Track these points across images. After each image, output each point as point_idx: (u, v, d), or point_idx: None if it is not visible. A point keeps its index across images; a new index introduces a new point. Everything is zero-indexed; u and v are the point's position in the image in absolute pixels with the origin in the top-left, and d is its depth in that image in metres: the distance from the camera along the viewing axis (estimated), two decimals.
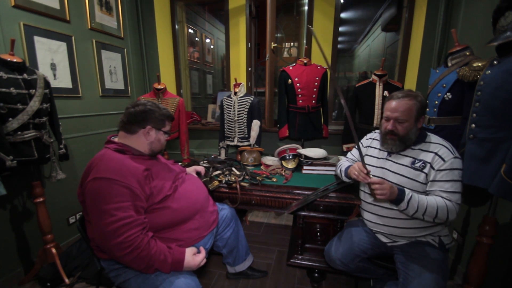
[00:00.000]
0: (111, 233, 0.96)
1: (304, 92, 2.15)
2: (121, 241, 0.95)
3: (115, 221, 0.96)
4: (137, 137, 1.18)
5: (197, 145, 2.96)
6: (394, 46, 2.91)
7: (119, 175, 1.01)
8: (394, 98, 1.22)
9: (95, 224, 1.01)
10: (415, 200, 1.11)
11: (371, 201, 1.33)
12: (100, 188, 0.99)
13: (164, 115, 1.24)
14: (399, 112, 1.19)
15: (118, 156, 1.09)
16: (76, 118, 2.08)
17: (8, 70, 1.40)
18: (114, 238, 0.96)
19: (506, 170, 1.01)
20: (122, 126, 1.19)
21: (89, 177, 1.03)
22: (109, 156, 1.08)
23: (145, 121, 1.18)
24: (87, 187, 1.02)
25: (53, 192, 1.92)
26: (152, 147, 1.22)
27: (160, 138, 1.24)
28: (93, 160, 1.09)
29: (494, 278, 1.41)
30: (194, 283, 1.10)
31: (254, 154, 2.12)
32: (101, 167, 1.03)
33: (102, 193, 0.98)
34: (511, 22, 1.02)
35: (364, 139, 1.51)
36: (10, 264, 1.70)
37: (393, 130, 1.22)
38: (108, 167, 1.03)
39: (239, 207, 1.66)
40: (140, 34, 2.74)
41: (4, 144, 1.35)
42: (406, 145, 1.23)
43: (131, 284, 1.10)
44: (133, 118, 1.16)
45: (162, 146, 1.27)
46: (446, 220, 1.13)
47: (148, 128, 1.18)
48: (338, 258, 1.35)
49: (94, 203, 0.99)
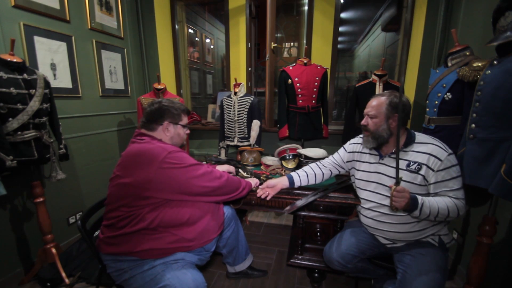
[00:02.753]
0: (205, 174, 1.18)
1: (304, 92, 2.15)
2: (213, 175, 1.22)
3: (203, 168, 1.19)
4: (158, 134, 1.24)
5: (197, 145, 2.96)
6: (394, 46, 2.91)
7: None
8: (374, 96, 1.29)
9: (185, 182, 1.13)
10: (427, 206, 1.10)
11: (369, 207, 1.32)
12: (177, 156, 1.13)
13: (179, 108, 1.29)
14: (370, 107, 1.26)
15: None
16: (76, 118, 2.08)
17: (8, 70, 1.40)
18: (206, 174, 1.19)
19: (506, 170, 1.00)
20: (142, 126, 1.24)
21: (159, 157, 1.09)
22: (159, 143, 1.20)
23: (162, 117, 1.23)
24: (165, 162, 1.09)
25: (53, 192, 1.92)
26: (173, 141, 1.27)
27: (180, 132, 1.30)
28: (146, 149, 1.13)
29: (494, 278, 1.41)
30: (200, 278, 1.11)
31: (254, 154, 2.12)
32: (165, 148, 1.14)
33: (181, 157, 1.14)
34: (511, 22, 1.02)
35: (347, 144, 1.52)
36: (10, 264, 1.70)
37: (366, 125, 1.27)
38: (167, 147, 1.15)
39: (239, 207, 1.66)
40: (140, 34, 2.74)
41: (4, 144, 1.35)
42: (378, 142, 1.25)
43: (136, 280, 1.10)
44: (151, 117, 1.23)
45: (182, 139, 1.33)
46: (457, 217, 1.14)
47: (166, 124, 1.24)
48: (336, 259, 1.35)
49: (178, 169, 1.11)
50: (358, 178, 1.40)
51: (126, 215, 1.09)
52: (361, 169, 1.39)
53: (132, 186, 1.07)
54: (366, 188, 1.34)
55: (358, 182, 1.41)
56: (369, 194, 1.33)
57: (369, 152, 1.37)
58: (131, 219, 1.09)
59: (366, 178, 1.35)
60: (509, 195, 1.00)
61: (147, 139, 1.18)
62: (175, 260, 1.13)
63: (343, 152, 1.52)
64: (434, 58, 2.14)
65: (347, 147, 1.51)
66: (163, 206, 1.12)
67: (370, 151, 1.36)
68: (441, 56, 2.09)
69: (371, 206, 1.31)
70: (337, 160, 1.53)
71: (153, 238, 1.11)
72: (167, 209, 1.13)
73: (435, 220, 1.15)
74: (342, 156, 1.52)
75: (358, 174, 1.41)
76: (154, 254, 1.11)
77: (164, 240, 1.12)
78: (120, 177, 1.10)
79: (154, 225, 1.10)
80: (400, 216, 1.22)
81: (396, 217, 1.23)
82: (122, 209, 1.09)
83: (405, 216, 1.21)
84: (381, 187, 1.28)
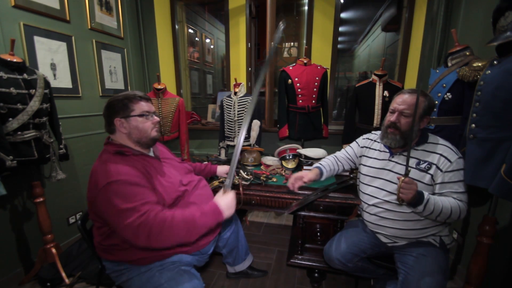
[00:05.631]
0: (136, 228, 0.92)
1: (304, 92, 2.15)
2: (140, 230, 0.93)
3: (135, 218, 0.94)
4: (118, 135, 1.13)
5: (197, 145, 2.95)
6: (394, 46, 2.91)
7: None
8: (404, 92, 1.23)
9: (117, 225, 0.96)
10: (432, 203, 1.10)
11: (373, 203, 1.32)
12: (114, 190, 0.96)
13: (125, 99, 1.10)
14: (406, 105, 1.18)
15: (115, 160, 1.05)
16: (76, 118, 2.08)
17: (8, 70, 1.40)
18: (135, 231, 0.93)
19: (506, 170, 1.00)
20: (106, 131, 1.15)
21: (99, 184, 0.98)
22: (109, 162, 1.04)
23: (110, 116, 1.10)
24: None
25: (53, 192, 1.92)
26: (135, 138, 1.12)
27: (137, 125, 1.10)
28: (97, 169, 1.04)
29: (494, 278, 1.41)
30: (198, 281, 1.10)
31: (254, 154, 2.12)
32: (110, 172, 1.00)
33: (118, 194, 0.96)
34: (511, 22, 1.02)
35: (360, 139, 1.50)
36: (10, 264, 1.70)
37: (396, 122, 1.21)
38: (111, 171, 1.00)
39: (239, 207, 1.66)
40: (140, 34, 2.74)
41: (4, 144, 1.35)
42: (405, 142, 1.21)
43: (133, 283, 1.09)
44: (105, 119, 1.13)
45: (147, 131, 1.12)
46: (457, 219, 1.14)
47: (117, 122, 1.09)
48: (337, 257, 1.35)
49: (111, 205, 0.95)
50: (364, 174, 1.39)
51: (108, 231, 1.06)
52: (367, 165, 1.38)
53: (90, 203, 1.03)
54: (371, 184, 1.34)
55: (363, 177, 1.40)
56: (373, 190, 1.32)
57: (378, 149, 1.36)
58: (115, 242, 1.05)
59: (372, 174, 1.34)
60: (509, 195, 1.00)
61: (110, 148, 1.09)
62: (172, 262, 1.12)
63: (356, 147, 1.49)
64: (434, 58, 2.14)
65: (361, 142, 1.48)
66: None
67: (380, 148, 1.35)
68: (441, 56, 2.09)
69: (375, 202, 1.31)
70: (351, 154, 1.51)
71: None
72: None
73: (436, 219, 1.15)
74: (356, 150, 1.49)
75: (363, 169, 1.40)
76: (149, 261, 1.09)
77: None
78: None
79: None
80: (403, 213, 1.21)
81: (399, 213, 1.23)
82: (102, 223, 1.06)
83: (408, 213, 1.21)
84: (387, 184, 1.27)
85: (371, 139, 1.44)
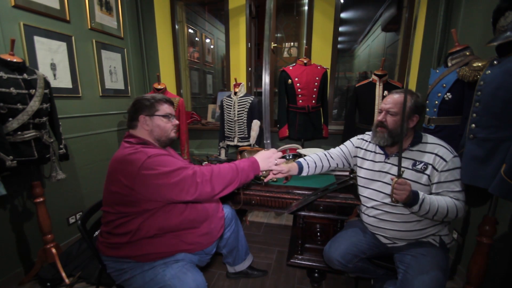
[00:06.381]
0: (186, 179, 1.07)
1: (304, 92, 2.15)
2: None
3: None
4: (139, 131, 1.20)
5: (197, 145, 2.95)
6: (394, 46, 2.91)
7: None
8: (393, 92, 1.26)
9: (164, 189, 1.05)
10: (427, 203, 1.10)
11: (371, 205, 1.32)
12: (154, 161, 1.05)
13: (153, 98, 1.20)
14: (391, 104, 1.22)
15: None
16: (76, 118, 2.08)
17: (8, 70, 1.40)
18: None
19: (506, 170, 1.00)
20: (127, 126, 1.22)
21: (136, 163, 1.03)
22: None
23: (136, 112, 1.19)
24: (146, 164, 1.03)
25: (53, 192, 1.92)
26: (155, 136, 1.20)
27: (159, 123, 1.19)
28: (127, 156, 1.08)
29: (494, 278, 1.41)
30: (201, 278, 1.11)
31: (254, 154, 2.12)
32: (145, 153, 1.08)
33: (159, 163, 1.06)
34: (511, 22, 1.02)
35: (355, 139, 1.50)
36: (10, 264, 1.70)
37: (383, 121, 1.24)
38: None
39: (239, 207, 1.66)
40: (140, 34, 2.74)
41: (4, 144, 1.35)
42: (393, 141, 1.23)
43: (136, 280, 1.09)
44: (129, 115, 1.21)
45: (166, 131, 1.22)
46: (455, 218, 1.14)
47: (141, 118, 1.18)
48: (336, 258, 1.35)
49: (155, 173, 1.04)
50: (361, 176, 1.39)
51: (121, 221, 1.08)
52: (363, 167, 1.38)
53: (118, 194, 1.05)
54: (369, 186, 1.34)
55: (360, 180, 1.40)
56: (371, 193, 1.32)
57: (374, 150, 1.36)
58: (127, 230, 1.08)
59: (369, 176, 1.34)
60: (509, 195, 1.00)
61: (133, 140, 1.15)
62: (176, 260, 1.13)
63: (350, 146, 1.49)
64: (434, 58, 2.14)
65: (355, 141, 1.48)
66: (157, 212, 1.10)
67: (375, 150, 1.36)
68: (441, 56, 2.09)
69: (373, 204, 1.31)
70: (345, 153, 1.50)
71: (152, 243, 1.10)
72: (163, 214, 1.11)
73: (433, 218, 1.15)
74: (350, 149, 1.49)
75: (361, 172, 1.40)
76: (154, 257, 1.11)
77: (164, 245, 1.12)
78: (108, 183, 1.09)
79: (151, 233, 1.09)
80: (402, 214, 1.22)
81: (398, 215, 1.23)
82: (117, 215, 1.08)
83: (407, 214, 1.21)
84: (385, 186, 1.27)
85: (366, 140, 1.43)
